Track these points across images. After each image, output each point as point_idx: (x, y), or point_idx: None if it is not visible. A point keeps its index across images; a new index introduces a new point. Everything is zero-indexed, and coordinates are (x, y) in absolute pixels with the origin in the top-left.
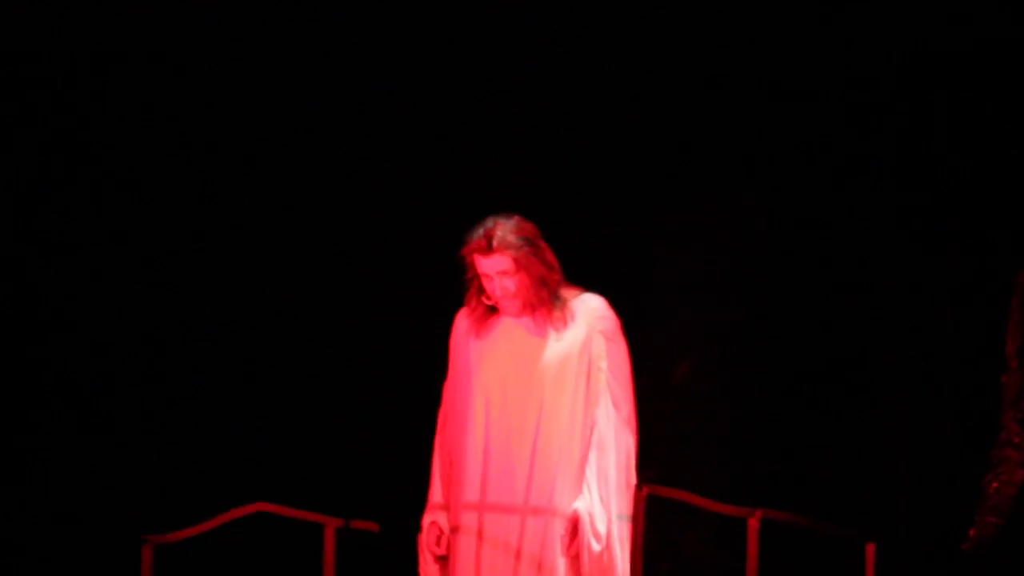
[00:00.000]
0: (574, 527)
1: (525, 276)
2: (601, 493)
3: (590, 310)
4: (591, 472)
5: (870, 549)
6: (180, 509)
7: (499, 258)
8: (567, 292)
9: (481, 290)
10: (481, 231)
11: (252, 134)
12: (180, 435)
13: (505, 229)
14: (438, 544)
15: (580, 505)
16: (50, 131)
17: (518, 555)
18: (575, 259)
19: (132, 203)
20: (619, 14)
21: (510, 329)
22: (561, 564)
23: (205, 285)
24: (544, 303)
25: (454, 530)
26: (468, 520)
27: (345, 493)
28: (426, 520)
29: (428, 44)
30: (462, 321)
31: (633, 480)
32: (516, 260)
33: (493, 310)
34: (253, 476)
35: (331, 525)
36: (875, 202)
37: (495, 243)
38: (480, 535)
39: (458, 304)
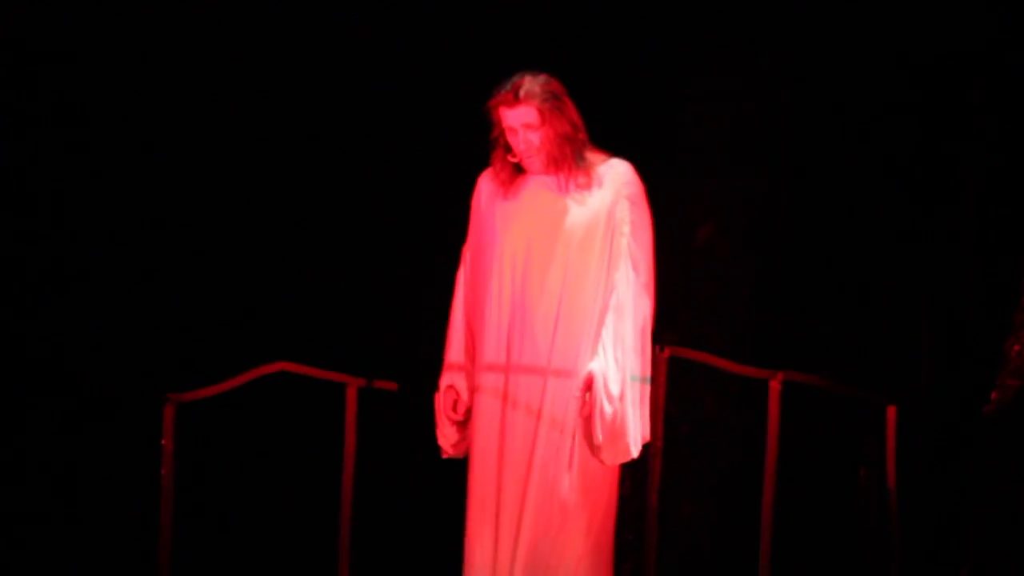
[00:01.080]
0: (587, 387)
1: (550, 130)
2: (616, 355)
3: (617, 175)
4: (607, 334)
5: (891, 412)
6: (202, 368)
7: (525, 109)
8: (594, 156)
9: (507, 148)
10: (508, 84)
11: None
12: (203, 294)
13: (532, 82)
14: (455, 409)
15: (595, 366)
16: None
17: (539, 415)
18: (601, 122)
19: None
20: None
21: (536, 192)
22: (577, 422)
23: (232, 146)
24: (568, 161)
25: (475, 390)
26: (490, 381)
27: (366, 353)
28: (443, 383)
29: None
30: (486, 183)
31: (649, 343)
32: (541, 112)
33: (519, 170)
34: (275, 335)
35: (353, 385)
36: (903, 74)
37: (521, 93)
38: (503, 395)
39: (481, 167)
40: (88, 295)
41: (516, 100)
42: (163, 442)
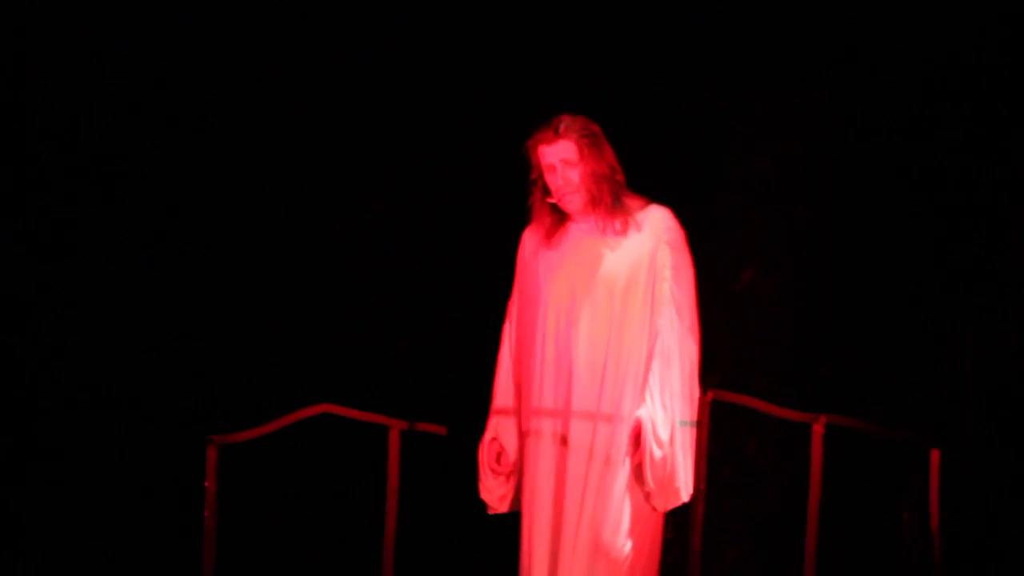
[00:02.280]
0: (637, 435)
1: (588, 167)
2: (664, 400)
3: (656, 220)
4: (654, 380)
5: (935, 455)
6: (246, 410)
7: (564, 144)
8: (632, 201)
9: (545, 191)
10: (547, 123)
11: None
12: (247, 335)
13: (572, 120)
14: (499, 462)
15: (643, 413)
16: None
17: (589, 460)
18: (642, 163)
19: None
20: None
21: (578, 240)
22: (627, 468)
23: (282, 186)
24: (606, 201)
25: (524, 435)
26: (540, 425)
27: (410, 396)
28: (487, 434)
29: None
30: (530, 238)
31: (696, 388)
32: (580, 148)
33: (559, 220)
34: (319, 377)
35: (396, 427)
36: (947, 114)
37: (561, 129)
38: (553, 440)
39: (525, 219)
40: (131, 336)
41: (556, 136)
42: (206, 484)
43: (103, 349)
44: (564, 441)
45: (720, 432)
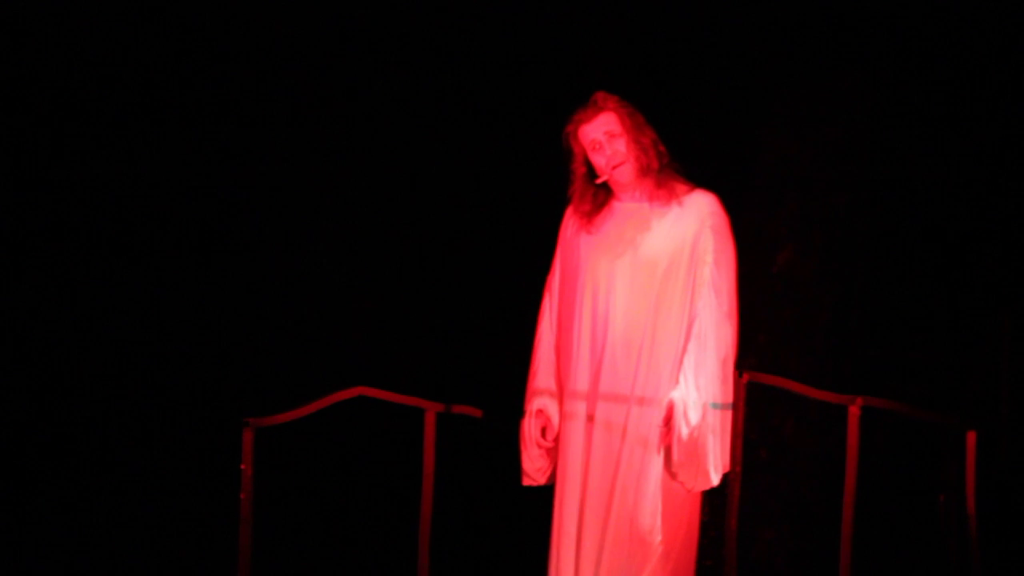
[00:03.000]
0: (668, 415)
1: (632, 135)
2: (698, 382)
3: (701, 205)
4: (689, 362)
5: (971, 437)
6: (282, 392)
7: (605, 116)
8: (679, 186)
9: (590, 175)
10: (583, 104)
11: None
12: (283, 318)
13: (607, 94)
14: (544, 436)
15: (676, 395)
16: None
17: (622, 442)
18: (681, 145)
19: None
20: None
21: (621, 222)
22: (661, 450)
23: (317, 172)
24: (654, 168)
25: (562, 417)
26: (576, 408)
27: (446, 378)
28: (531, 407)
29: None
30: (572, 216)
31: (732, 372)
32: (621, 118)
33: (601, 195)
34: (355, 360)
35: (431, 410)
36: (985, 97)
37: (599, 101)
38: (588, 422)
39: (564, 200)
40: (168, 320)
41: (596, 110)
42: (242, 467)
43: (142, 332)
44: (596, 421)
45: (757, 414)
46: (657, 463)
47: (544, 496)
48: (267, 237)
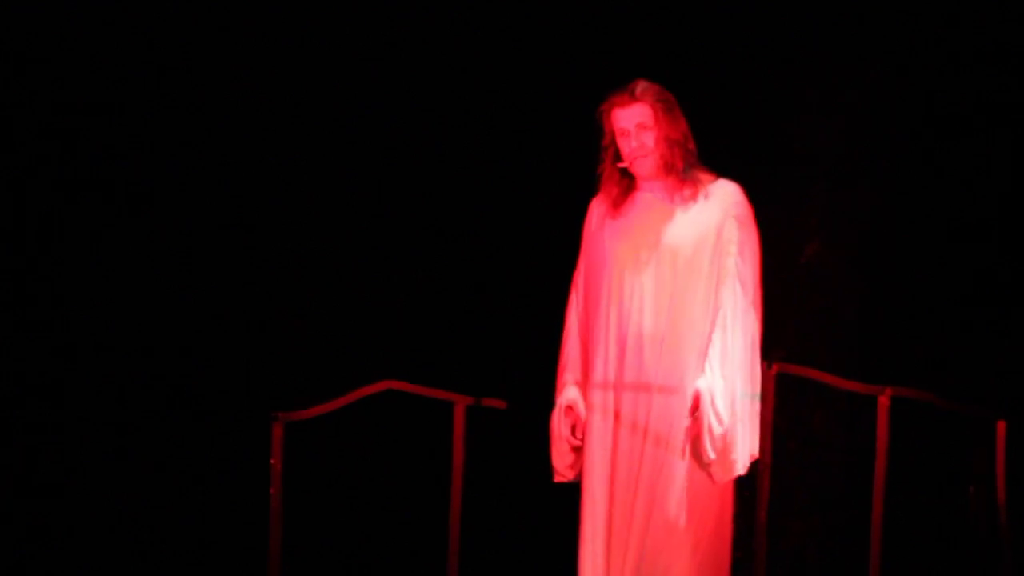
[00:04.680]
0: (695, 405)
1: (662, 132)
2: (724, 372)
3: (726, 195)
4: (714, 352)
5: (1001, 427)
6: (311, 386)
7: (640, 107)
8: (703, 175)
9: (616, 158)
10: (623, 87)
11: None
12: (311, 313)
13: (648, 84)
14: (573, 433)
15: (702, 384)
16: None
17: (645, 432)
18: (708, 135)
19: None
20: None
21: (645, 210)
22: (687, 440)
23: (344, 168)
24: (678, 168)
25: (588, 409)
26: (600, 398)
27: (475, 371)
28: (561, 402)
29: None
30: (597, 207)
31: (758, 361)
32: (655, 112)
33: (626, 182)
34: (383, 354)
35: (461, 403)
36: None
37: (638, 92)
38: (612, 413)
39: (594, 189)
40: (196, 314)
41: (632, 99)
42: (272, 461)
43: (171, 327)
44: (621, 412)
45: (785, 405)
46: (681, 452)
47: (574, 490)
48: (296, 231)
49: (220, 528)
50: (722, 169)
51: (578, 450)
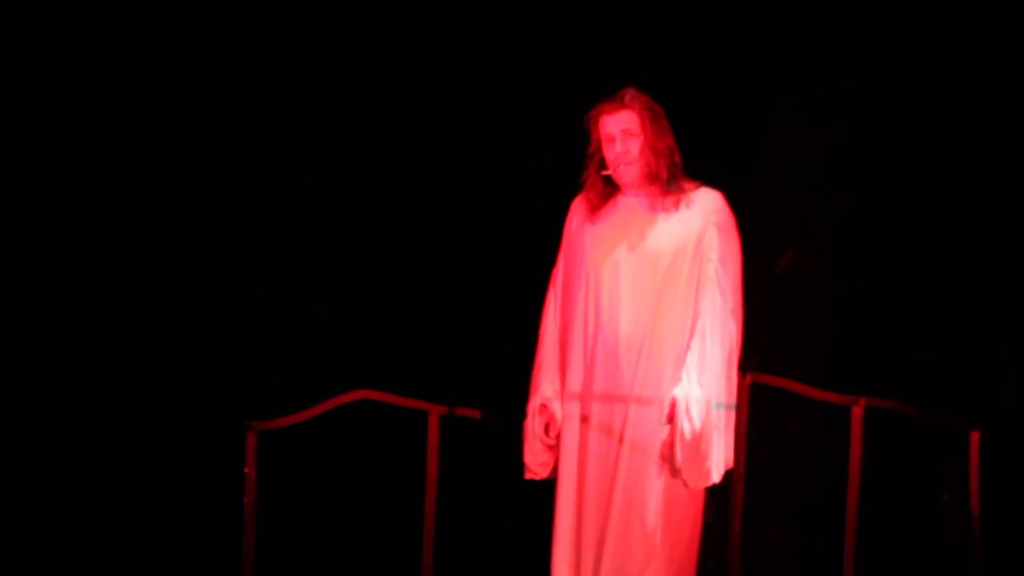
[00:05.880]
0: (671, 413)
1: (648, 140)
2: (701, 381)
3: (707, 202)
4: (692, 359)
5: (974, 437)
6: (285, 395)
7: (627, 114)
8: (687, 184)
9: (601, 165)
10: (612, 94)
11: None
12: (285, 322)
13: (637, 93)
14: (547, 433)
15: (678, 392)
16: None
17: (620, 442)
18: (686, 144)
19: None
20: None
21: (626, 215)
22: (662, 448)
23: (318, 174)
24: (662, 178)
25: (563, 416)
26: (575, 407)
27: (449, 381)
28: (535, 402)
29: None
30: (578, 208)
31: (735, 370)
32: (642, 120)
33: (609, 193)
34: (358, 363)
35: (435, 412)
36: (991, 101)
37: (626, 99)
38: (586, 422)
39: (572, 193)
40: (170, 323)
41: (621, 105)
42: (246, 470)
43: (144, 336)
44: (591, 421)
45: (760, 415)
46: (658, 462)
47: (548, 498)
48: (269, 239)
49: (194, 537)
50: (699, 178)
51: (551, 449)
